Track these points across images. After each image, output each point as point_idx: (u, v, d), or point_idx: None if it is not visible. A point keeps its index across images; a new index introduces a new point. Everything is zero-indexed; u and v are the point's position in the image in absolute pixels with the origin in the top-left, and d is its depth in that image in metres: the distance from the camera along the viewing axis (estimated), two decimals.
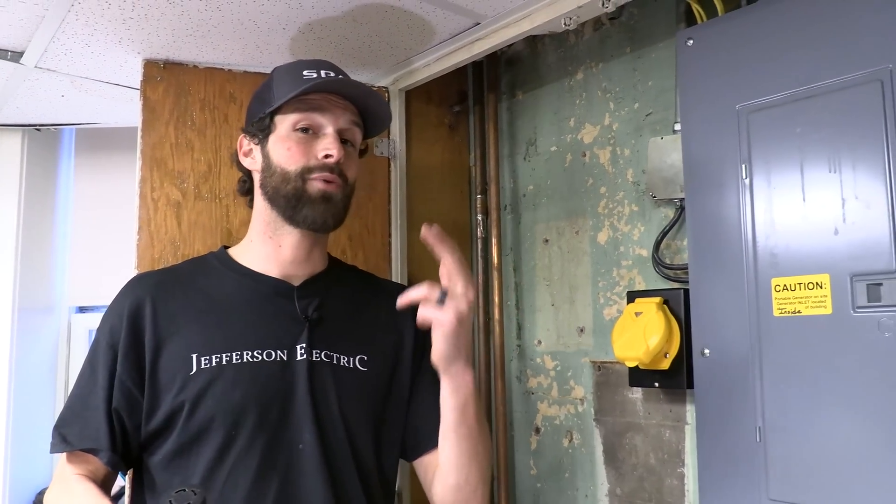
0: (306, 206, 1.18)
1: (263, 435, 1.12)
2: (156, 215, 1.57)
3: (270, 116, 1.21)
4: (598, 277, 1.68)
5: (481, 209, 1.94)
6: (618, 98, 1.67)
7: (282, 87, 1.22)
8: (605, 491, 1.62)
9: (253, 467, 1.11)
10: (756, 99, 1.24)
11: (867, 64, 1.11)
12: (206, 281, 1.24)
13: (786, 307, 1.17)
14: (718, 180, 1.29)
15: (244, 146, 1.27)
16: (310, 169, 1.19)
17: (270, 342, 1.17)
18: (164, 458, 1.13)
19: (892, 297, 1.05)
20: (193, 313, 1.18)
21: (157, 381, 1.14)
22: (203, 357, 1.14)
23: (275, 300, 1.21)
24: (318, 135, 1.21)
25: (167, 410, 1.13)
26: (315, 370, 1.17)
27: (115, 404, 1.13)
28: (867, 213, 1.09)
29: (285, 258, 1.23)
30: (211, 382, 1.12)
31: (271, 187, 1.21)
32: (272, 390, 1.14)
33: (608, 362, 1.62)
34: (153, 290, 1.20)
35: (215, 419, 1.12)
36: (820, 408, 1.12)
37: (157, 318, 1.17)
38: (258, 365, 1.15)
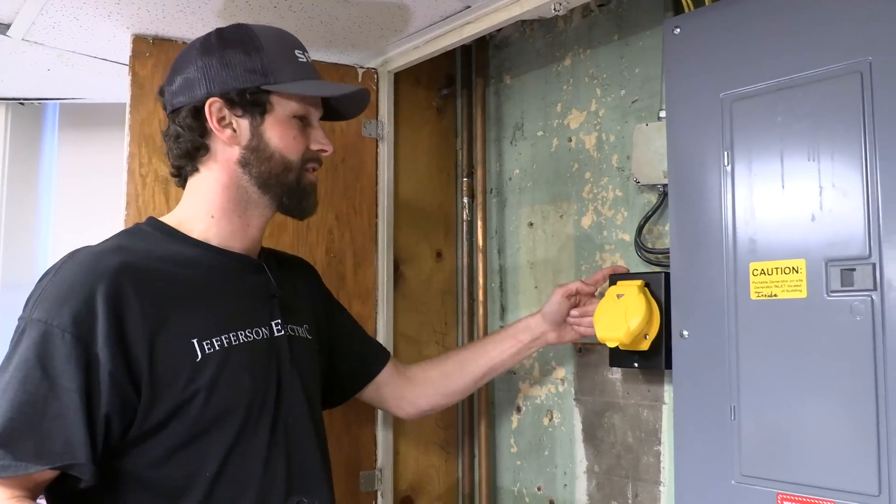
0: (306, 198, 1.22)
1: (268, 414, 1.14)
2: (144, 191, 1.58)
3: (266, 94, 1.16)
4: (581, 261, 1.71)
5: (467, 192, 1.96)
6: (604, 84, 1.69)
7: (280, 64, 1.17)
8: (583, 468, 1.66)
9: (263, 449, 1.12)
10: (740, 88, 1.27)
11: (848, 56, 1.14)
12: (172, 260, 1.13)
13: (762, 291, 1.20)
14: (701, 167, 1.32)
15: (217, 112, 1.14)
16: (307, 159, 1.21)
17: (254, 320, 1.17)
18: (164, 455, 1.04)
19: (865, 282, 1.09)
20: (176, 296, 1.09)
21: (156, 374, 1.02)
22: (204, 341, 1.07)
23: (248, 277, 1.21)
24: (306, 123, 1.22)
25: (174, 402, 1.03)
26: (292, 344, 1.22)
27: (106, 408, 0.97)
28: (843, 201, 1.13)
29: (251, 236, 1.22)
30: (221, 367, 1.08)
31: (266, 171, 1.17)
32: (268, 368, 1.16)
33: (589, 344, 1.66)
34: (125, 273, 1.04)
35: (231, 404, 1.08)
36: (792, 388, 1.16)
37: (142, 305, 1.03)
38: (252, 344, 1.15)
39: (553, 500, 1.73)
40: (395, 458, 1.81)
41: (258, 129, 1.17)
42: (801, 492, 1.12)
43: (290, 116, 1.19)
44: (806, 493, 1.12)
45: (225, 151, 1.17)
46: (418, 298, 1.92)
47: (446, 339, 1.97)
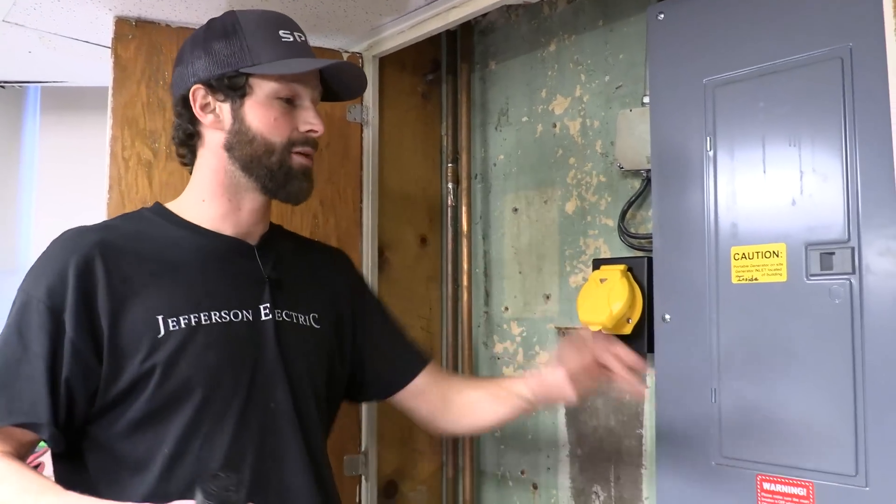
0: (292, 182, 1.17)
1: (238, 397, 1.11)
2: (127, 174, 1.57)
3: (245, 77, 1.15)
4: (565, 246, 1.72)
5: (452, 178, 1.96)
6: (589, 70, 1.69)
7: (261, 46, 1.16)
8: (566, 452, 1.67)
9: (229, 431, 1.09)
10: (722, 73, 1.28)
11: (829, 42, 1.16)
12: (155, 238, 1.16)
13: (744, 275, 1.22)
14: (684, 152, 1.33)
15: (201, 99, 1.17)
16: (293, 142, 1.17)
17: (235, 302, 1.15)
18: (127, 428, 1.06)
19: (843, 266, 1.11)
20: (149, 272, 1.11)
21: (119, 345, 1.05)
22: (170, 318, 1.08)
23: (234, 259, 1.19)
24: (296, 105, 1.18)
25: (133, 376, 1.05)
26: (281, 329, 1.17)
27: (66, 374, 1.02)
28: (823, 186, 1.14)
29: (243, 219, 1.21)
30: (183, 345, 1.08)
31: (248, 154, 1.16)
32: (243, 351, 1.13)
33: (572, 328, 1.67)
34: (101, 247, 1.09)
35: (190, 383, 1.07)
36: (772, 371, 1.17)
37: (110, 279, 1.07)
38: (227, 326, 1.13)
39: (536, 484, 1.75)
40: (379, 442, 1.81)
41: (238, 113, 1.17)
42: (780, 472, 1.14)
43: (272, 98, 1.16)
44: (785, 474, 1.14)
45: (212, 137, 1.19)
46: (403, 284, 1.93)
47: (431, 324, 1.97)
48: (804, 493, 1.12)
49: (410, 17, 1.66)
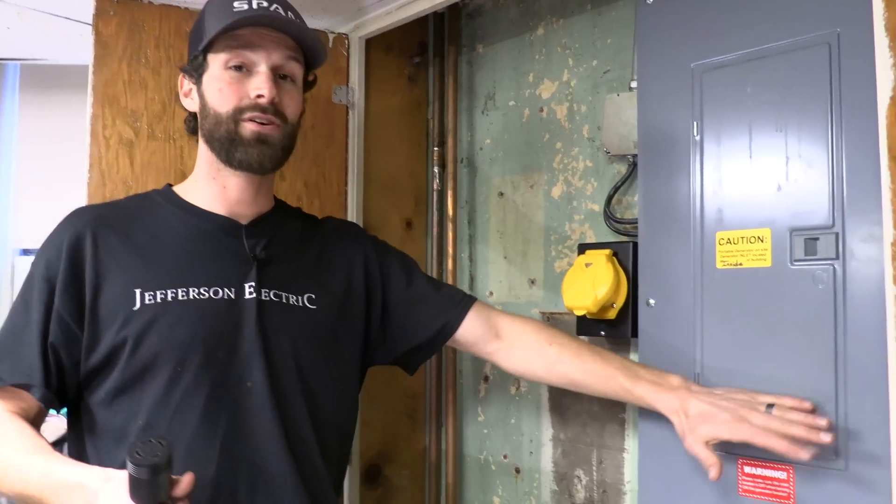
0: (240, 149, 1.15)
1: (210, 373, 1.11)
2: (107, 153, 1.54)
3: (203, 55, 1.17)
4: (550, 231, 1.71)
5: (438, 161, 1.95)
6: (577, 55, 1.69)
7: (212, 21, 1.16)
8: (549, 436, 1.68)
9: (200, 406, 1.10)
10: (710, 58, 1.28)
11: (816, 27, 1.15)
12: (150, 217, 1.21)
13: (728, 260, 1.22)
14: (671, 137, 1.32)
15: (184, 86, 1.23)
16: (241, 109, 1.15)
17: (217, 280, 1.15)
18: (107, 397, 1.11)
19: (828, 251, 1.11)
20: (135, 248, 1.16)
21: (98, 316, 1.11)
22: (147, 293, 1.11)
23: (221, 238, 1.20)
24: (252, 72, 1.16)
25: (108, 346, 1.10)
26: (264, 309, 1.16)
27: (51, 339, 1.10)
28: (809, 172, 1.14)
29: (231, 198, 1.21)
30: (155, 318, 1.10)
31: (207, 130, 1.18)
32: (219, 328, 1.13)
33: (557, 313, 1.67)
34: (94, 223, 1.16)
35: (160, 356, 1.09)
36: (755, 355, 1.17)
37: (97, 253, 1.13)
38: (205, 302, 1.13)
39: (519, 468, 1.75)
40: (362, 426, 1.81)
41: (201, 91, 1.20)
42: (761, 456, 1.15)
43: (223, 68, 1.16)
44: (766, 458, 1.14)
45: (198, 120, 1.22)
46: None
47: None
48: (784, 477, 1.13)
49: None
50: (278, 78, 1.18)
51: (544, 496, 1.68)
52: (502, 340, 1.33)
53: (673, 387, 1.18)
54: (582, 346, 1.28)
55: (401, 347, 1.34)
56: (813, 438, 1.02)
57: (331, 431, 1.23)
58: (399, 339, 1.34)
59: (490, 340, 1.33)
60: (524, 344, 1.31)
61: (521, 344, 1.31)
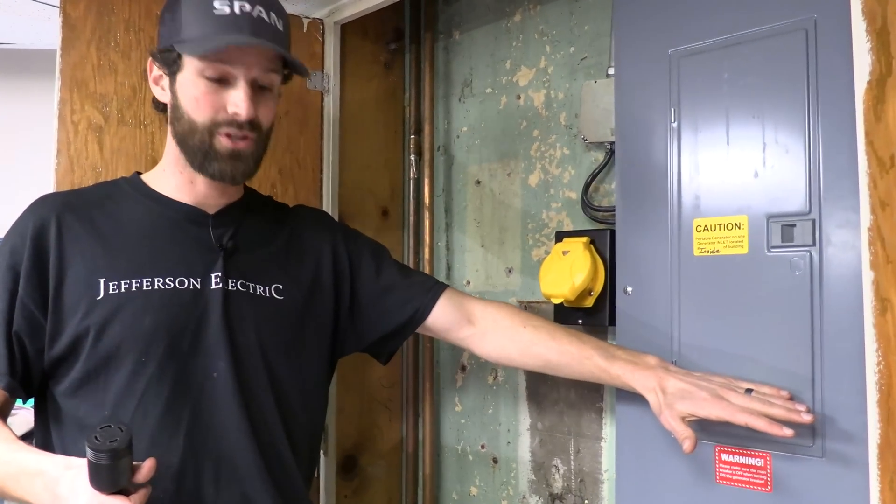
0: (213, 163, 1.13)
1: (174, 363, 1.10)
2: (76, 139, 1.51)
3: (178, 53, 1.12)
4: (527, 219, 1.70)
5: (414, 149, 1.93)
6: (554, 41, 1.67)
7: (189, 20, 1.11)
8: (526, 425, 1.67)
9: (164, 395, 1.09)
10: (688, 44, 1.27)
11: (793, 13, 1.15)
12: (116, 205, 1.19)
13: (705, 247, 1.22)
14: (648, 124, 1.32)
15: (154, 72, 1.19)
16: (218, 123, 1.12)
17: (182, 270, 1.14)
18: (71, 387, 1.10)
19: (804, 238, 1.11)
20: (100, 237, 1.14)
21: (62, 304, 1.10)
22: (111, 282, 1.10)
23: (187, 227, 1.18)
24: (230, 83, 1.12)
25: (71, 335, 1.09)
26: (230, 299, 1.15)
27: (15, 327, 1.09)
28: (786, 158, 1.14)
29: (200, 191, 1.20)
30: (119, 308, 1.09)
31: (179, 132, 1.15)
32: (184, 318, 1.12)
33: (535, 302, 1.66)
34: (59, 210, 1.14)
35: (123, 346, 1.08)
36: (732, 341, 1.17)
37: (62, 240, 1.12)
38: (170, 292, 1.12)
39: (496, 458, 1.75)
40: (338, 416, 1.79)
41: (173, 88, 1.16)
42: (739, 444, 1.15)
43: (197, 76, 1.11)
44: (743, 446, 1.14)
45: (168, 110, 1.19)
46: None
47: None
48: (761, 464, 1.13)
49: None
50: (256, 88, 1.14)
51: (522, 486, 1.68)
52: (475, 326, 1.31)
53: (650, 366, 1.17)
54: (557, 328, 1.28)
55: (370, 336, 1.33)
56: (794, 418, 1.02)
57: (298, 422, 1.21)
58: (368, 328, 1.32)
59: (463, 326, 1.31)
60: (498, 328, 1.29)
61: (495, 328, 1.30)
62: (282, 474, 1.16)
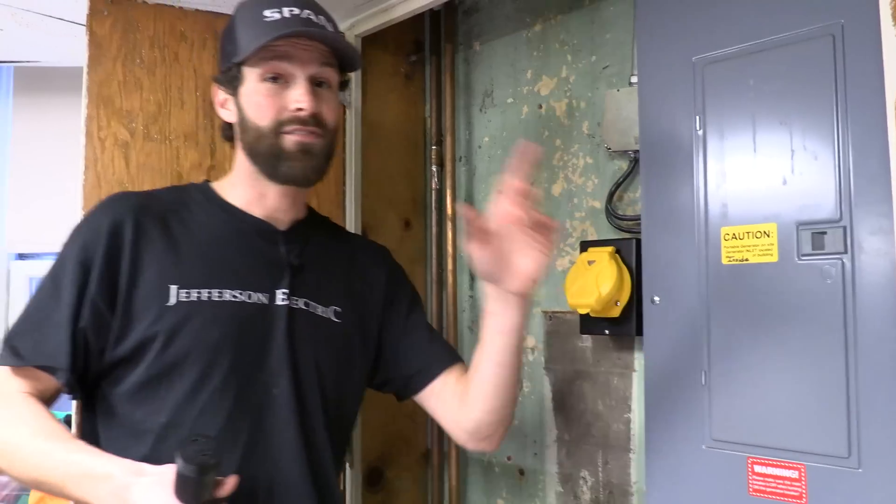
0: (285, 163, 1.13)
1: (238, 377, 1.10)
2: (103, 155, 1.52)
3: (237, 67, 1.15)
4: None
5: (436, 160, 1.93)
6: (575, 50, 1.67)
7: (243, 32, 1.14)
8: (553, 437, 1.66)
9: (226, 408, 1.08)
10: (712, 52, 1.26)
11: (820, 18, 1.14)
12: (189, 212, 1.18)
13: (734, 255, 1.20)
14: (673, 132, 1.31)
15: (219, 97, 1.21)
16: (283, 122, 1.13)
17: (251, 283, 1.14)
18: (130, 390, 1.08)
19: (835, 245, 1.09)
20: (173, 242, 1.13)
21: (131, 306, 1.08)
22: (182, 290, 1.10)
23: (257, 241, 1.19)
24: (289, 83, 1.13)
25: (138, 339, 1.07)
26: (294, 317, 1.16)
27: (82, 323, 1.07)
28: (814, 164, 1.13)
29: (269, 205, 1.20)
30: (189, 317, 1.09)
31: (248, 143, 1.16)
32: (251, 332, 1.12)
33: (559, 312, 1.65)
34: (135, 212, 1.13)
35: (190, 355, 1.08)
36: (763, 352, 1.16)
37: (137, 241, 1.11)
38: (238, 305, 1.12)
39: (523, 469, 1.73)
40: (363, 428, 1.79)
41: (238, 104, 1.17)
42: (771, 455, 1.13)
43: (258, 81, 1.13)
44: (776, 457, 1.12)
45: (235, 128, 1.21)
46: None
47: None
48: (796, 476, 1.11)
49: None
50: (315, 86, 1.15)
51: (549, 498, 1.66)
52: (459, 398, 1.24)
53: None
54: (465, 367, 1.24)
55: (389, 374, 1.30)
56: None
57: (340, 444, 1.23)
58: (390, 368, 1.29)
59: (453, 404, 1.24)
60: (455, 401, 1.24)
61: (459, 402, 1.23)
62: (326, 492, 1.16)
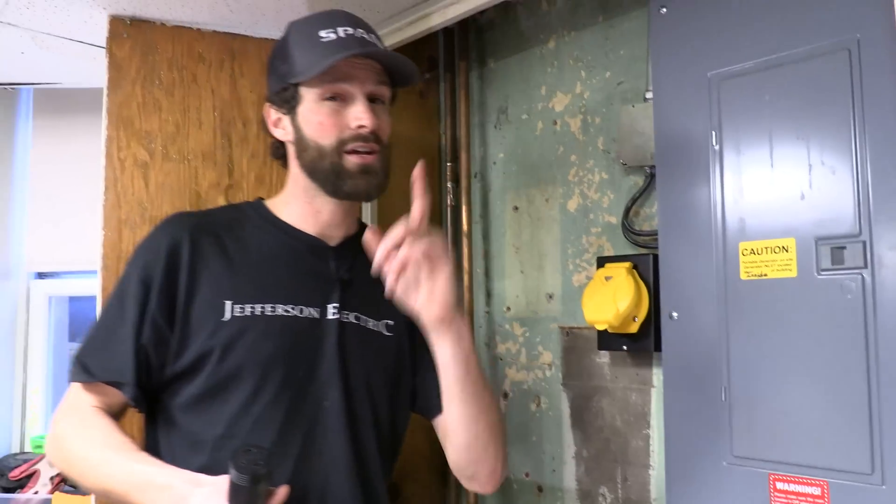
0: (347, 182, 1.16)
1: (290, 389, 1.13)
2: (122, 175, 1.54)
3: (294, 87, 1.17)
4: (567, 244, 1.70)
5: (451, 177, 1.94)
6: (589, 67, 1.68)
7: (300, 54, 1.17)
8: (571, 453, 1.65)
9: (278, 420, 1.11)
10: (727, 67, 1.26)
11: (835, 33, 1.14)
12: (243, 230, 1.22)
13: (752, 270, 1.20)
14: (689, 147, 1.31)
15: (272, 116, 1.23)
16: (344, 141, 1.15)
17: (302, 298, 1.17)
18: (188, 402, 1.13)
19: (855, 260, 1.09)
20: (227, 259, 1.18)
21: (189, 322, 1.13)
22: (237, 305, 1.14)
23: (309, 258, 1.22)
24: (348, 102, 1.16)
25: (196, 353, 1.12)
26: (345, 331, 1.18)
27: (143, 340, 1.12)
28: (833, 179, 1.12)
29: (322, 221, 1.23)
30: (243, 331, 1.12)
31: (308, 161, 1.18)
32: (302, 346, 1.15)
33: (576, 328, 1.65)
34: (192, 231, 1.18)
35: (244, 368, 1.11)
36: (784, 367, 1.15)
37: (193, 260, 1.15)
38: (290, 319, 1.15)
39: (541, 486, 1.73)
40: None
41: (296, 123, 1.19)
42: (793, 472, 1.12)
43: (317, 101, 1.16)
44: (799, 473, 1.12)
45: (289, 148, 1.24)
46: None
47: None
48: (819, 493, 1.10)
49: (410, 14, 1.64)
50: (370, 102, 1.18)
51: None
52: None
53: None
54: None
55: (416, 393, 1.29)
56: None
57: (390, 457, 1.23)
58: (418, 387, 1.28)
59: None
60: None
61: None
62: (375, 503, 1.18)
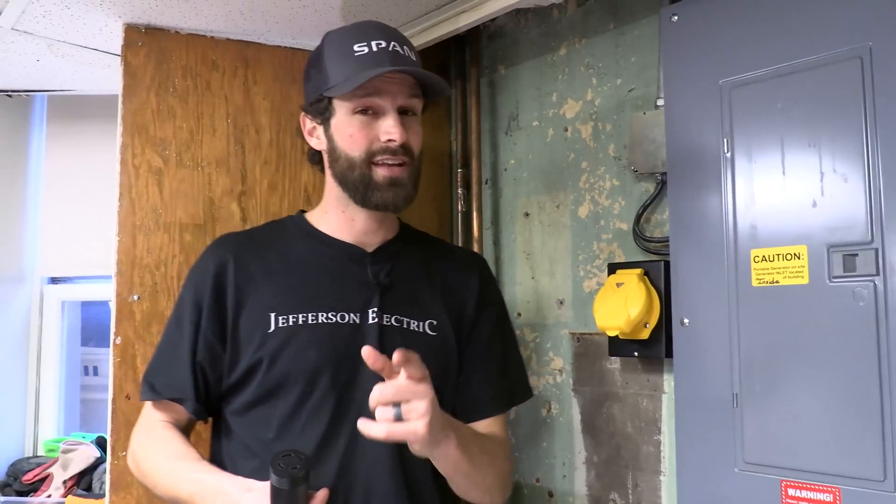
0: (375, 193, 1.20)
1: (334, 394, 1.17)
2: (137, 182, 1.56)
3: (328, 99, 1.21)
4: (578, 251, 1.70)
5: (462, 183, 1.95)
6: (600, 74, 1.68)
7: (334, 67, 1.20)
8: (582, 459, 1.65)
9: (324, 423, 1.16)
10: (739, 74, 1.27)
11: (847, 41, 1.14)
12: (283, 244, 1.28)
13: (764, 277, 1.20)
14: (700, 154, 1.31)
15: (307, 125, 1.28)
16: (374, 153, 1.19)
17: (343, 305, 1.21)
18: (241, 408, 1.20)
19: (867, 267, 1.09)
20: (270, 273, 1.24)
21: (238, 337, 1.20)
22: (281, 316, 1.19)
23: (348, 265, 1.25)
24: (379, 115, 1.19)
25: (247, 365, 1.18)
26: (386, 334, 1.21)
27: (199, 357, 1.20)
28: (845, 186, 1.13)
29: (358, 228, 1.27)
30: (288, 341, 1.18)
31: (339, 171, 1.22)
32: (345, 351, 1.17)
33: (587, 334, 1.65)
34: (235, 250, 1.25)
35: (291, 376, 1.17)
36: (795, 374, 1.15)
37: (238, 278, 1.22)
38: (332, 326, 1.19)
39: (552, 492, 1.73)
40: None
41: (329, 134, 1.23)
42: (805, 478, 1.12)
43: (349, 114, 1.19)
44: (810, 480, 1.12)
45: (324, 158, 1.28)
46: None
47: None
48: (830, 500, 1.10)
49: (421, 22, 1.65)
50: (401, 114, 1.20)
51: None
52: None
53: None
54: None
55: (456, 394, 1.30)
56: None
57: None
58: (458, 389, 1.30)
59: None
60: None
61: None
62: None
